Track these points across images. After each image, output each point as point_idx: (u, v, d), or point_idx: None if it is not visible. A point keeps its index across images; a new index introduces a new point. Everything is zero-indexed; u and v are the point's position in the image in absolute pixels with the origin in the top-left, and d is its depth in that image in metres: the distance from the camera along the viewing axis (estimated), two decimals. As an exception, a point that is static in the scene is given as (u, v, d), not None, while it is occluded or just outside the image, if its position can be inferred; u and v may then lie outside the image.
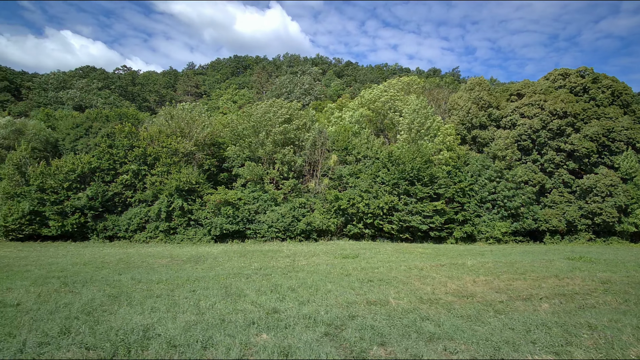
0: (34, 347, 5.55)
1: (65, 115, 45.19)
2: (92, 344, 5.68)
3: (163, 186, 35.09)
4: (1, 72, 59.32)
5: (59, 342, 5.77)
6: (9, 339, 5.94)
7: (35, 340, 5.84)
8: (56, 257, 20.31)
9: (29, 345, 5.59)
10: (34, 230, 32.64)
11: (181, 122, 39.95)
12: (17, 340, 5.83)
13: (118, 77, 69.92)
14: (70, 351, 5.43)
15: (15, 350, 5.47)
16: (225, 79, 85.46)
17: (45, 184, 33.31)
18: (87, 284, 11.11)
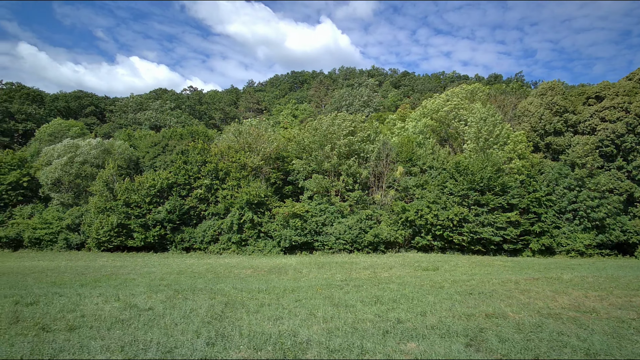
0: (203, 347, 6.15)
1: (143, 135, 48.72)
2: (256, 345, 6.10)
3: (234, 200, 36.65)
4: (88, 98, 65.79)
5: (223, 344, 6.26)
6: (194, 338, 6.59)
7: (202, 341, 6.43)
8: (149, 267, 21.76)
9: (199, 347, 6.18)
10: (121, 241, 35.22)
11: (248, 137, 41.57)
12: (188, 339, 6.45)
13: (187, 97, 74.92)
14: (242, 351, 5.92)
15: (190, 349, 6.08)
16: (283, 95, 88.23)
17: (130, 198, 36.00)
18: (196, 292, 11.84)
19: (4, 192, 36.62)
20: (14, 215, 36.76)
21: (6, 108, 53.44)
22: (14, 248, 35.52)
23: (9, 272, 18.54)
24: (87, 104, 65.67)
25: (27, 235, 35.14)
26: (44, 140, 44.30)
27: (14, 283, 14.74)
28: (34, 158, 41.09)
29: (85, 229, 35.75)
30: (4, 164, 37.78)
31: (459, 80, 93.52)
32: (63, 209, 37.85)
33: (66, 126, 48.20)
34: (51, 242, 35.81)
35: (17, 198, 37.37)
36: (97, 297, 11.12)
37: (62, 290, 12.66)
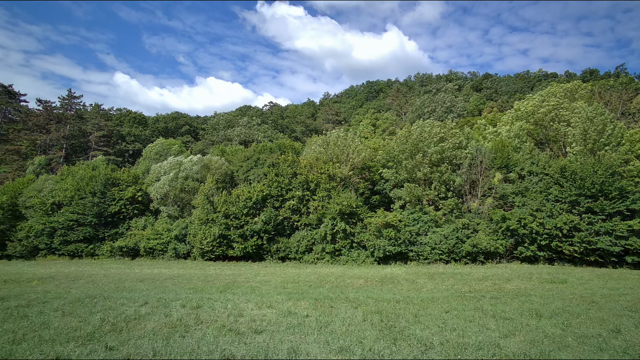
0: (420, 354, 6.36)
1: (235, 150, 51.76)
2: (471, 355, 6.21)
3: (325, 210, 37.39)
4: (183, 118, 72.03)
5: (431, 353, 6.44)
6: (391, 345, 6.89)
7: (405, 350, 6.66)
8: (261, 276, 22.88)
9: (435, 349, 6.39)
10: (223, 251, 37.47)
11: (336, 148, 42.30)
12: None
13: (270, 112, 78.90)
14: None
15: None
16: (360, 105, 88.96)
17: (229, 210, 38.27)
18: (334, 301, 12.20)
19: (123, 206, 40.84)
20: (131, 227, 40.81)
21: (118, 131, 60.12)
22: (132, 257, 39.38)
23: (147, 279, 20.56)
24: (183, 124, 71.76)
25: (143, 245, 38.80)
26: (151, 158, 48.95)
27: (160, 288, 16.31)
28: (144, 175, 45.44)
29: (191, 239, 38.58)
30: (122, 181, 42.22)
31: (547, 78, 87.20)
32: (170, 221, 41.25)
33: (168, 145, 52.81)
34: (162, 252, 39.15)
35: (133, 211, 41.48)
36: (246, 302, 11.89)
37: (208, 295, 13.74)
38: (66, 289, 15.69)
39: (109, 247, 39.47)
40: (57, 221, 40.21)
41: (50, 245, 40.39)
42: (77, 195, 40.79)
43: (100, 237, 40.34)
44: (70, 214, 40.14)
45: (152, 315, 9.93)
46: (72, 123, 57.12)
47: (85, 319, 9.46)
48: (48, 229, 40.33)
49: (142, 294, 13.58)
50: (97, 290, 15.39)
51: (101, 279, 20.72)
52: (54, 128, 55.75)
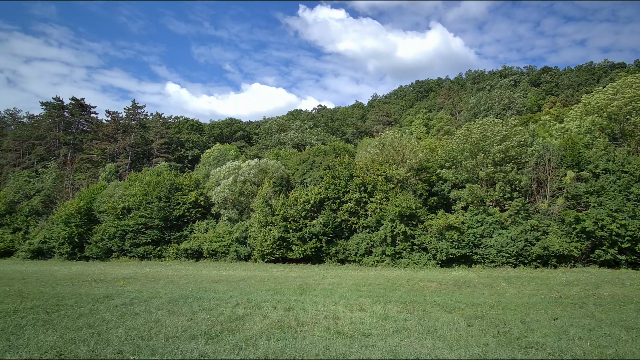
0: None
1: (289, 154, 52.51)
2: None
3: (384, 212, 36.96)
4: (237, 124, 74.49)
5: None
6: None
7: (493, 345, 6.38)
8: (327, 278, 22.92)
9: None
10: (282, 254, 38.03)
11: (392, 150, 41.76)
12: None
13: (321, 115, 79.80)
14: None
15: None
16: (410, 105, 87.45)
17: (287, 213, 38.81)
18: (424, 305, 11.93)
19: (186, 210, 42.62)
20: (194, 230, 42.48)
21: (178, 138, 63.05)
22: (197, 258, 40.95)
23: (221, 280, 21.22)
24: (237, 129, 74.11)
25: (206, 247, 40.23)
26: (210, 163, 50.81)
27: (239, 289, 16.75)
28: (204, 180, 47.19)
29: (251, 241, 39.50)
30: (185, 186, 44.09)
31: (614, 69, 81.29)
32: (230, 224, 42.47)
33: (224, 150, 54.56)
34: (224, 254, 40.38)
35: (196, 215, 43.18)
36: (334, 305, 11.90)
37: (291, 297, 13.92)
38: (154, 289, 16.51)
39: (175, 249, 41.29)
40: (127, 224, 42.62)
41: (122, 248, 42.89)
42: (144, 200, 43.05)
43: (166, 240, 42.31)
44: (139, 217, 42.41)
45: (251, 316, 10.17)
46: (136, 132, 60.54)
47: (191, 317, 9.86)
48: (120, 232, 42.84)
49: (229, 295, 14.00)
50: (182, 290, 16.05)
51: (179, 279, 21.65)
52: (120, 137, 59.36)
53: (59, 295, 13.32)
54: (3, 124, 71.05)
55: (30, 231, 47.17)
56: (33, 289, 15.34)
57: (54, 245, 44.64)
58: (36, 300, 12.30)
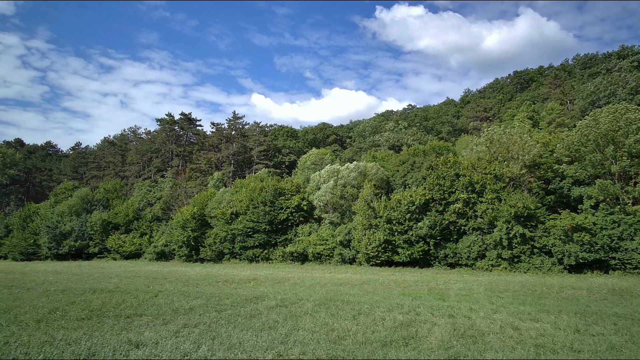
0: None
1: (387, 155, 51.71)
2: None
3: (497, 213, 34.40)
4: (330, 129, 75.82)
5: None
6: None
7: None
8: (447, 283, 21.67)
9: None
10: (388, 257, 37.29)
11: (500, 146, 38.87)
12: None
13: (415, 115, 77.91)
14: None
15: None
16: (509, 98, 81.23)
17: (391, 216, 38.01)
18: (597, 316, 10.44)
19: (290, 214, 43.93)
20: (298, 233, 43.61)
21: (275, 145, 65.80)
22: (302, 261, 41.96)
23: (343, 283, 21.20)
24: (330, 134, 75.32)
25: (311, 250, 41.02)
26: (307, 168, 51.99)
27: (372, 293, 16.41)
28: (304, 184, 48.30)
29: (355, 244, 39.35)
30: (287, 190, 45.50)
31: None
32: (333, 227, 42.82)
33: (321, 154, 55.43)
34: (329, 257, 40.80)
35: (299, 219, 44.31)
36: (494, 312, 10.92)
37: (434, 302, 13.18)
38: (291, 292, 16.87)
39: (281, 252, 42.74)
40: (236, 228, 45.16)
41: (232, 250, 45.57)
42: (251, 205, 45.28)
43: (272, 243, 44.01)
44: (247, 222, 44.69)
45: (417, 323, 9.66)
46: (237, 141, 64.27)
47: (357, 322, 9.66)
48: (229, 236, 45.55)
49: (371, 299, 13.73)
50: (317, 293, 16.14)
51: (301, 282, 22.09)
52: (224, 147, 63.47)
53: (214, 295, 14.16)
54: (127, 140, 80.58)
55: (154, 235, 52.32)
56: (188, 289, 16.56)
57: (174, 248, 48.93)
58: (199, 299, 13.15)
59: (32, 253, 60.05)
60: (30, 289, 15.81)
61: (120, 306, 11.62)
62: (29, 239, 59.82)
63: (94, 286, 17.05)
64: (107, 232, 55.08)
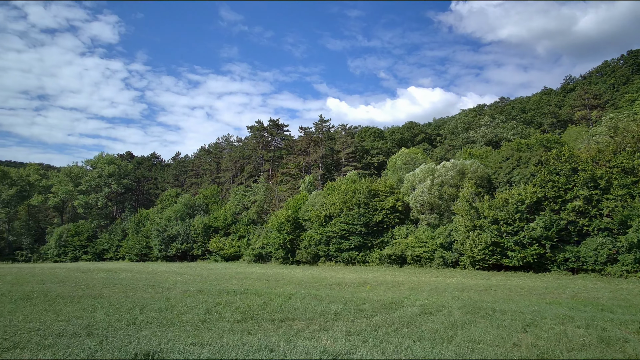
0: None
1: (485, 152, 48.46)
2: None
3: (631, 211, 30.14)
4: (417, 127, 73.73)
5: None
6: None
7: None
8: (590, 292, 19.07)
9: None
10: (496, 260, 34.61)
11: (628, 134, 34.24)
12: None
13: (512, 107, 72.58)
14: None
15: None
16: (624, 82, 71.65)
17: (497, 216, 35.23)
18: None
19: (385, 216, 42.92)
20: (394, 235, 42.42)
21: (362, 146, 65.33)
22: (400, 264, 40.73)
23: (465, 288, 19.73)
24: (418, 133, 73.03)
25: (409, 253, 39.64)
26: (399, 168, 50.53)
27: (504, 298, 14.88)
28: (397, 185, 46.97)
29: (458, 247, 37.17)
30: (381, 192, 44.56)
31: None
32: (431, 229, 40.96)
33: (411, 154, 53.62)
34: (429, 260, 39.08)
35: (394, 220, 43.11)
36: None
37: (596, 314, 11.39)
38: (411, 296, 15.99)
39: (378, 254, 41.89)
40: (330, 231, 45.24)
41: (327, 253, 45.73)
42: (344, 207, 45.06)
43: (368, 246, 43.31)
44: (341, 224, 44.54)
45: (618, 341, 8.23)
46: (324, 144, 64.80)
47: (542, 335, 8.51)
48: (324, 239, 45.77)
49: (520, 307, 12.29)
50: (451, 299, 15.05)
51: (416, 286, 21.08)
52: (312, 150, 64.38)
53: (348, 300, 13.81)
54: (220, 148, 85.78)
55: (251, 238, 54.55)
56: (317, 292, 16.48)
57: (271, 250, 50.50)
58: (334, 303, 12.86)
59: (145, 254, 66.18)
60: (169, 288, 16.89)
61: (266, 309, 11.69)
62: (142, 241, 65.97)
63: (223, 287, 17.72)
64: (208, 235, 58.69)
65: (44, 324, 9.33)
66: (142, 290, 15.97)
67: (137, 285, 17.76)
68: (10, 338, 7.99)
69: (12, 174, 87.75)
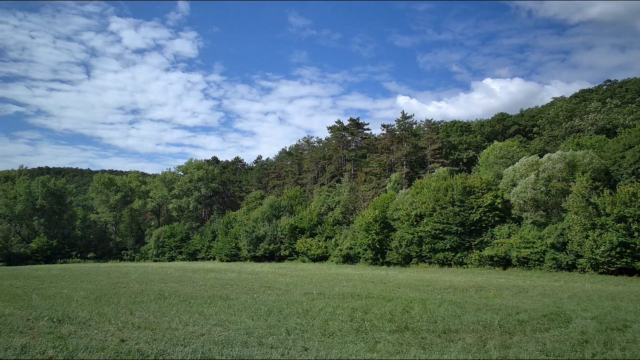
0: None
1: (597, 141, 43.31)
2: None
3: None
4: (510, 119, 68.53)
5: None
6: None
7: None
8: None
9: None
10: (627, 263, 30.28)
11: None
12: None
13: (625, 90, 64.36)
14: None
15: None
16: None
17: (624, 212, 30.81)
18: None
19: (483, 214, 39.87)
20: (495, 235, 39.22)
21: (449, 142, 62.01)
22: (504, 266, 37.56)
23: (613, 297, 16.95)
24: (510, 124, 67.70)
25: (514, 254, 36.32)
26: (495, 163, 46.82)
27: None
28: (494, 180, 43.49)
29: (574, 247, 33.19)
30: (477, 188, 41.52)
31: None
32: (537, 228, 37.21)
33: (507, 147, 49.50)
34: (538, 262, 35.54)
35: (494, 219, 39.88)
36: None
37: None
38: (558, 304, 13.89)
39: (477, 255, 39.03)
40: (422, 231, 43.12)
41: (420, 254, 43.68)
42: (437, 206, 42.69)
43: (466, 246, 40.56)
44: (434, 223, 42.26)
45: None
46: (408, 141, 62.50)
47: None
48: (416, 239, 43.75)
49: None
50: (602, 310, 12.77)
51: (545, 291, 18.65)
52: (395, 148, 62.44)
53: (500, 308, 12.25)
54: (301, 150, 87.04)
55: (337, 239, 54.13)
56: (452, 297, 15.15)
57: (359, 251, 49.60)
58: (486, 311, 11.41)
59: (234, 255, 68.90)
60: (287, 290, 16.61)
61: (411, 317, 10.64)
62: (231, 242, 68.75)
63: (340, 290, 17.01)
64: (294, 235, 59.39)
65: (202, 328, 9.16)
66: (261, 292, 15.82)
67: (253, 287, 17.73)
68: (189, 344, 7.73)
69: (117, 181, 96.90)
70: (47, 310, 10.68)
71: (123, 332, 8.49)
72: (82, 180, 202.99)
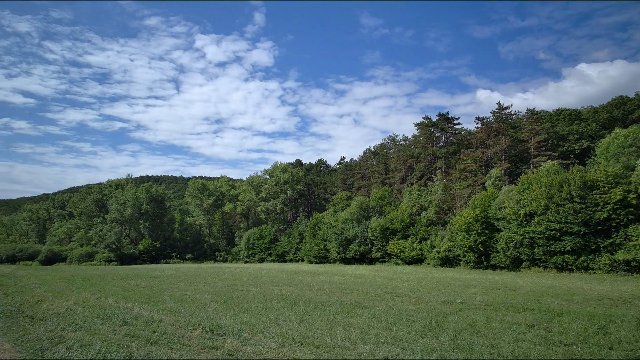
0: None
1: None
2: None
3: None
4: (632, 102, 60.03)
5: None
6: None
7: None
8: None
9: None
10: None
11: None
12: None
13: None
14: None
15: None
16: None
17: None
18: None
19: (612, 211, 34.54)
20: (629, 236, 33.74)
21: (556, 132, 55.69)
22: None
23: None
24: (633, 109, 59.01)
25: (659, 258, 30.74)
26: (621, 153, 40.67)
27: None
28: (624, 173, 37.64)
29: None
30: (600, 182, 36.23)
31: None
32: (687, 227, 31.13)
33: (633, 134, 42.84)
34: (692, 267, 29.60)
35: (627, 217, 34.34)
36: None
37: None
38: None
39: (608, 260, 33.86)
40: (534, 231, 38.72)
41: (531, 257, 39.28)
42: (551, 203, 38.04)
43: (592, 249, 35.49)
44: (548, 222, 37.70)
45: None
46: (507, 134, 57.31)
47: None
48: (526, 240, 39.42)
49: None
50: None
51: None
52: (492, 142, 57.59)
53: None
54: (387, 149, 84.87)
55: (433, 240, 51.08)
56: (593, 310, 12.50)
57: (458, 253, 46.18)
58: None
59: (322, 257, 68.63)
60: (419, 298, 15.01)
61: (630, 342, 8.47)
62: (320, 244, 68.57)
63: (466, 299, 14.97)
64: (386, 237, 57.37)
65: (377, 348, 8.06)
66: (390, 299, 14.48)
67: (376, 292, 16.44)
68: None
69: (209, 186, 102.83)
70: (190, 317, 10.33)
71: (286, 349, 7.60)
72: (176, 187, 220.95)
